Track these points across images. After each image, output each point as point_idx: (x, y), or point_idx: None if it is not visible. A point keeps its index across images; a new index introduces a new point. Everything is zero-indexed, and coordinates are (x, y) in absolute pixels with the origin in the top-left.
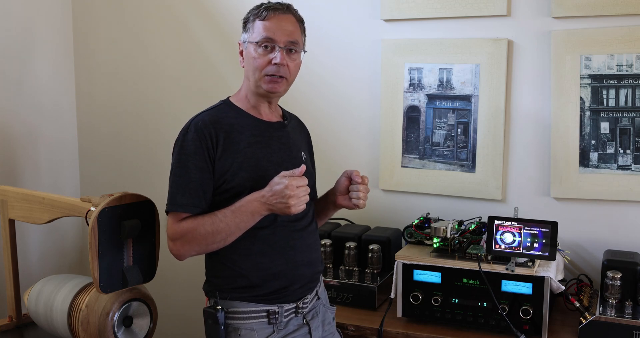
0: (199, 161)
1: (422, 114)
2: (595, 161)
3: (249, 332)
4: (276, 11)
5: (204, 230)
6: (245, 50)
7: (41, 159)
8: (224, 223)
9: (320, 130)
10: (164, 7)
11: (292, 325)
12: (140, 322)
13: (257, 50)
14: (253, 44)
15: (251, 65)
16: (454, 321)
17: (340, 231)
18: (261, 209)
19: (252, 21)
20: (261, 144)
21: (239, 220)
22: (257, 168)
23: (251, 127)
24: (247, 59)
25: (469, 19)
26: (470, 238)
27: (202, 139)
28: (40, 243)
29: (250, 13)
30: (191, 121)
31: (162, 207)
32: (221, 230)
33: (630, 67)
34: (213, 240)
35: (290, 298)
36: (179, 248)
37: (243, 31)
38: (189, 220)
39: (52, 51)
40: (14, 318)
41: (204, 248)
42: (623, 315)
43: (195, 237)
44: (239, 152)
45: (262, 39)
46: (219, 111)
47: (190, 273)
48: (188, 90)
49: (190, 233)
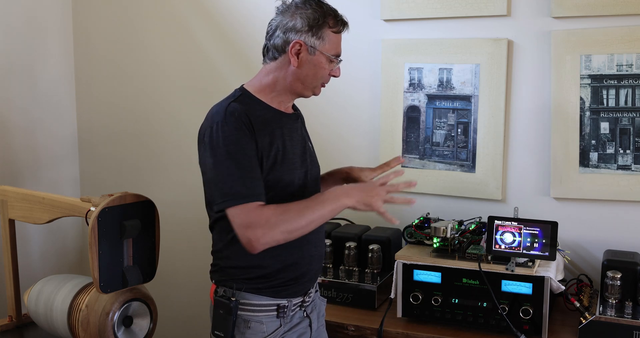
0: (247, 149)
1: (422, 114)
2: (595, 161)
3: (258, 324)
4: (346, 27)
5: (290, 219)
6: (311, 56)
7: (41, 159)
8: (311, 213)
9: (321, 130)
10: (164, 5)
11: (296, 318)
12: (140, 322)
13: (329, 63)
14: (326, 56)
15: (316, 74)
16: (454, 321)
17: (340, 231)
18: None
19: (323, 29)
20: (286, 136)
21: (326, 210)
22: (287, 160)
23: (276, 119)
24: (310, 65)
25: (469, 19)
26: (470, 238)
27: (242, 127)
28: (40, 243)
29: (319, 17)
30: (222, 110)
31: (162, 207)
32: (308, 219)
33: (630, 67)
34: (298, 228)
35: (298, 291)
36: (259, 236)
37: (309, 33)
38: (269, 207)
39: (52, 51)
40: (14, 318)
41: (287, 237)
42: (623, 315)
43: (281, 224)
44: (272, 144)
45: (337, 54)
46: (244, 103)
47: (190, 273)
48: (188, 90)
49: (276, 220)
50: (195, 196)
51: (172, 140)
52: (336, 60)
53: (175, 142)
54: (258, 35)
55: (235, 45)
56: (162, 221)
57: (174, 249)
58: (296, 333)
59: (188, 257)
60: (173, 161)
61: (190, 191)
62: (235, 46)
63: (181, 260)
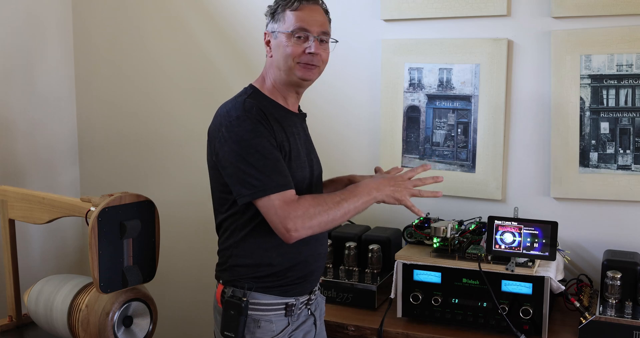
0: (271, 141)
1: (422, 114)
2: (595, 161)
3: (268, 323)
4: (307, 1)
5: (327, 209)
6: (275, 40)
7: (41, 159)
8: (346, 203)
9: (321, 130)
10: (164, 5)
11: (302, 316)
12: (140, 322)
13: (290, 39)
14: (285, 33)
15: (282, 53)
16: (454, 321)
17: (340, 231)
18: (376, 191)
19: (281, 11)
20: (296, 134)
21: (359, 202)
22: (299, 159)
23: (286, 117)
24: (277, 48)
25: (469, 19)
26: (470, 238)
27: (262, 121)
28: (40, 243)
29: (277, 3)
30: (240, 105)
31: (162, 207)
32: (344, 209)
33: (630, 67)
34: (334, 218)
35: (305, 290)
36: (298, 226)
37: (271, 21)
38: (305, 198)
39: (52, 51)
40: (14, 318)
41: (322, 227)
42: (623, 315)
43: (319, 214)
44: (287, 140)
45: (295, 28)
46: (257, 99)
47: (190, 273)
48: (188, 90)
49: (313, 209)
50: (195, 196)
51: (172, 140)
52: (300, 33)
53: (176, 142)
54: (258, 35)
55: (235, 45)
56: (162, 221)
57: (174, 249)
58: (302, 331)
59: (188, 257)
60: (173, 161)
61: (190, 191)
62: (235, 46)
63: (181, 260)
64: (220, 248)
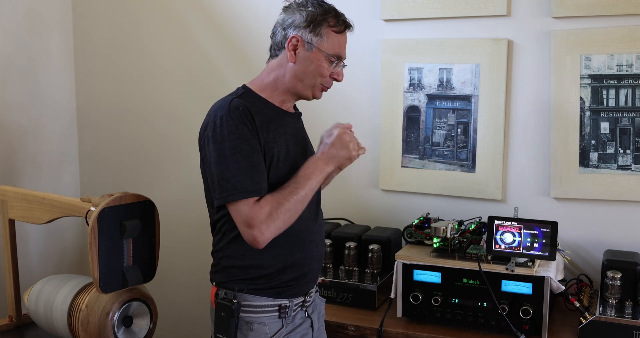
0: (252, 143)
1: (422, 114)
2: (595, 161)
3: (261, 326)
4: (349, 29)
5: (287, 204)
6: (308, 52)
7: (41, 159)
8: (302, 190)
9: (321, 129)
10: (164, 5)
11: (297, 319)
12: (140, 322)
13: (326, 61)
14: (324, 54)
15: (314, 71)
16: (454, 321)
17: (340, 231)
18: (327, 166)
19: (324, 26)
20: (289, 135)
21: (314, 183)
22: (288, 159)
23: (278, 117)
24: (307, 61)
25: (468, 19)
26: (470, 238)
27: (247, 122)
28: (40, 243)
29: (319, 15)
30: (226, 105)
31: (162, 207)
32: (302, 197)
33: (630, 67)
34: (296, 210)
35: (299, 292)
36: (264, 231)
37: (306, 28)
38: (266, 199)
39: (52, 50)
40: (14, 318)
41: (287, 223)
42: (623, 315)
43: (282, 213)
44: (275, 142)
45: (335, 54)
46: (246, 99)
47: (190, 273)
48: (188, 89)
49: (275, 211)
50: (195, 196)
51: (172, 140)
52: (336, 61)
53: (176, 142)
54: (258, 35)
55: (235, 45)
56: (162, 221)
57: (174, 249)
58: (298, 334)
59: (188, 257)
60: (173, 161)
61: (190, 191)
62: (235, 46)
63: (181, 260)
64: (213, 249)
